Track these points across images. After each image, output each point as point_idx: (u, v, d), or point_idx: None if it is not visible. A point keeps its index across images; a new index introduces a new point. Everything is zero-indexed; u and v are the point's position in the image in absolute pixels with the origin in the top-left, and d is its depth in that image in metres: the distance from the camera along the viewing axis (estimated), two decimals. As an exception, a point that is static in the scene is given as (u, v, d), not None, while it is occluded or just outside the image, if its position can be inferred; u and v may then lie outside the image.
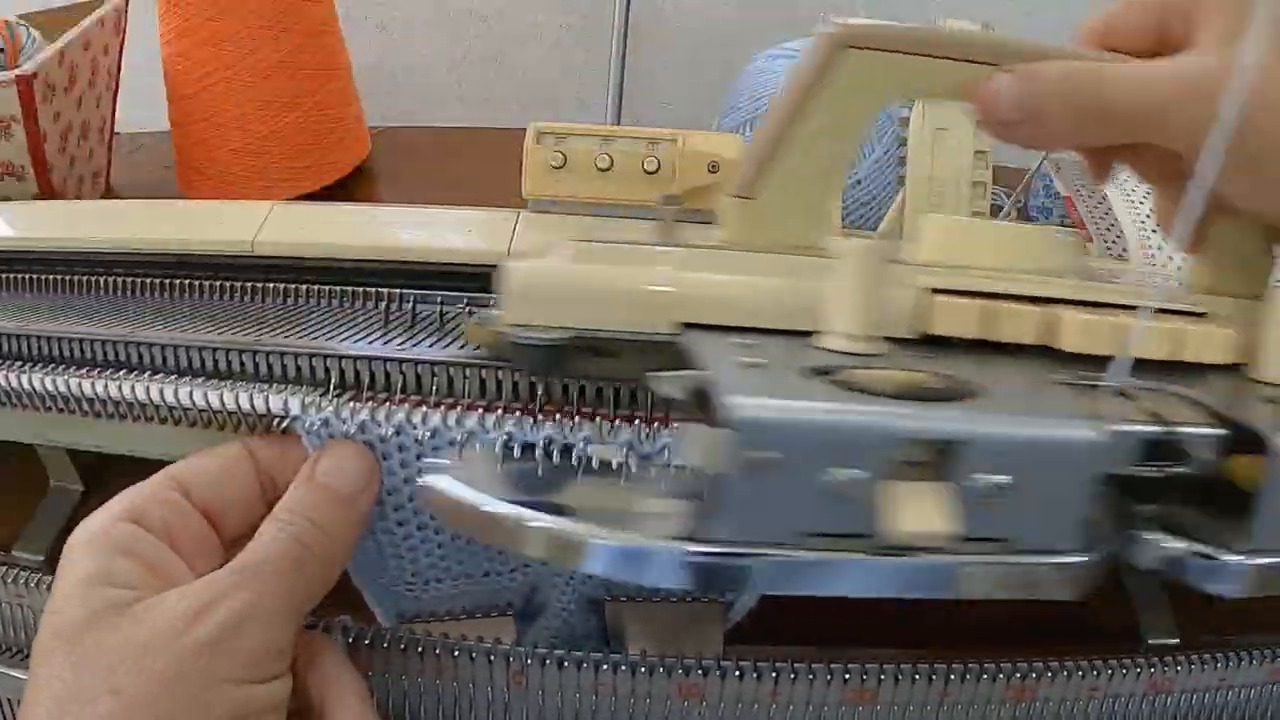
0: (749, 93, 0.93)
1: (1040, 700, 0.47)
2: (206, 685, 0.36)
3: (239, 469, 0.44)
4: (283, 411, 0.43)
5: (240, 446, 0.44)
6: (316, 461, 0.43)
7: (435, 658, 0.44)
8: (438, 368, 0.45)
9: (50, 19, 0.99)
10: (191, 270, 0.54)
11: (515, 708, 0.45)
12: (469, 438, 0.42)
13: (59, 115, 0.91)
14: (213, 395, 0.44)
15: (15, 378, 0.47)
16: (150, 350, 0.47)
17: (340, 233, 0.55)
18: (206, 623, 0.37)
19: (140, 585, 0.38)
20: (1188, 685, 0.49)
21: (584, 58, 1.67)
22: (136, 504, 0.41)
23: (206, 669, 0.36)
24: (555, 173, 0.55)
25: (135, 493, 0.41)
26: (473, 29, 1.68)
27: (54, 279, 0.56)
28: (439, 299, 0.51)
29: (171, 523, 0.41)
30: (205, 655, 0.36)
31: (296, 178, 1.01)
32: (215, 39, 0.95)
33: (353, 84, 1.09)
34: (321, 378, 0.45)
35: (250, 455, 0.44)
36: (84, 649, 0.36)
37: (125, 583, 0.38)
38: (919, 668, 0.45)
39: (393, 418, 0.42)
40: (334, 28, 1.05)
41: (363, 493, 0.43)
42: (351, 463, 0.43)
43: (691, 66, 1.63)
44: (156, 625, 0.37)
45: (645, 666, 0.44)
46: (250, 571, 0.39)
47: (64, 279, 0.56)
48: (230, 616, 0.37)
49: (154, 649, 0.36)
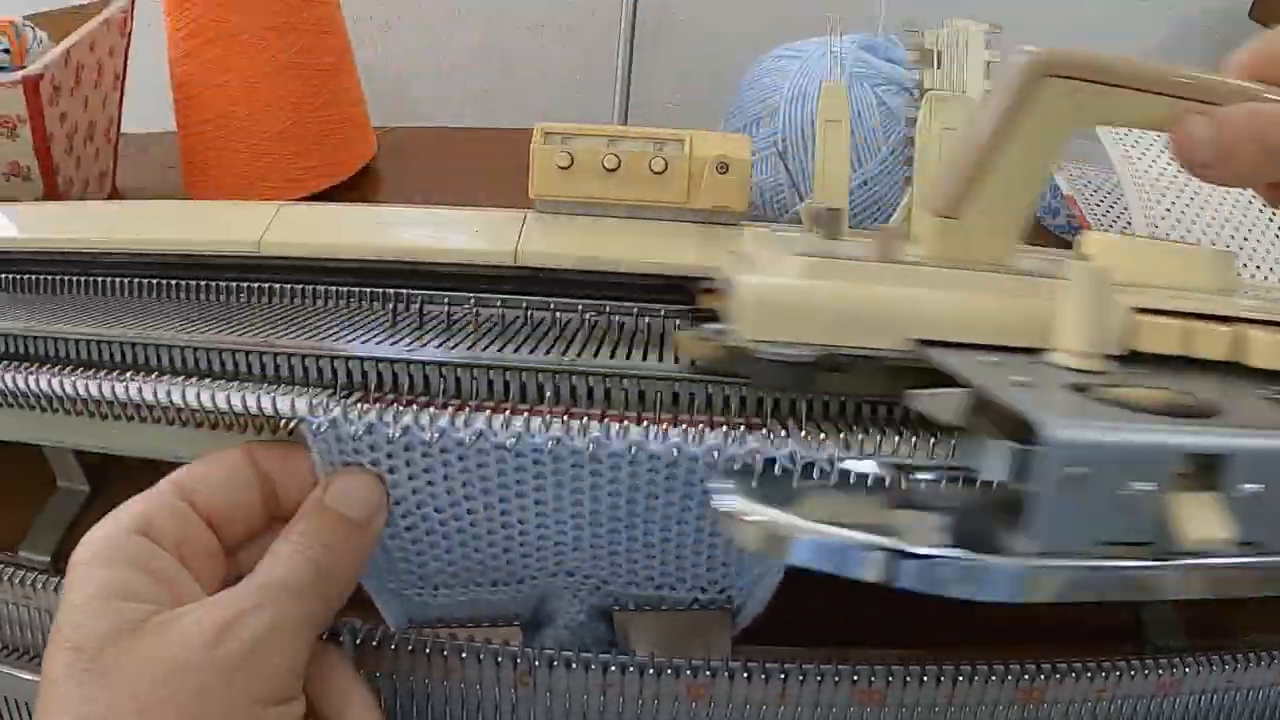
0: (756, 93, 0.93)
1: (1049, 702, 0.47)
2: (233, 705, 0.36)
3: (241, 475, 0.44)
4: (290, 412, 0.43)
5: (242, 452, 0.44)
6: (327, 486, 0.43)
7: (443, 659, 0.44)
8: (445, 369, 0.45)
9: (57, 20, 0.99)
10: (197, 271, 0.54)
11: (523, 709, 0.45)
12: (477, 438, 0.42)
13: (65, 116, 0.91)
14: (219, 396, 0.44)
15: (21, 378, 0.46)
16: (156, 351, 0.47)
17: (346, 233, 0.55)
18: (233, 640, 0.37)
19: (154, 599, 0.38)
20: (1195, 686, 0.49)
21: (590, 58, 1.67)
22: (145, 515, 0.41)
23: (234, 688, 0.36)
24: (562, 173, 0.55)
25: (143, 503, 0.41)
26: (479, 29, 1.68)
27: (60, 280, 0.56)
28: (446, 299, 0.51)
29: (179, 534, 0.41)
30: (232, 674, 0.36)
31: (302, 178, 1.01)
32: (221, 39, 0.96)
33: (359, 84, 1.09)
34: (329, 379, 0.45)
35: (252, 461, 0.44)
36: (106, 666, 0.36)
37: (140, 597, 0.38)
38: (927, 669, 0.45)
39: (400, 419, 0.42)
40: (340, 28, 1.05)
41: (373, 518, 0.43)
42: (362, 489, 0.43)
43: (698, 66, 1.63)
44: (182, 643, 0.36)
45: (654, 668, 0.44)
46: (272, 590, 0.39)
47: (70, 280, 0.56)
48: (256, 634, 0.37)
49: (181, 667, 0.36)
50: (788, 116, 0.89)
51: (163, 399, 0.45)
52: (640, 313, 0.51)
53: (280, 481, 0.44)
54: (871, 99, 0.88)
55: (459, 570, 0.47)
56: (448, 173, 1.09)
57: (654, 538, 0.46)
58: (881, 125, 0.87)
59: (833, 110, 0.58)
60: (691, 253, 0.53)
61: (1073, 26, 1.53)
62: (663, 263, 0.51)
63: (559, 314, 0.51)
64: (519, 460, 0.43)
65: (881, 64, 0.90)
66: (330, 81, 1.02)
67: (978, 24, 0.59)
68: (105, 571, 0.38)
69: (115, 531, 0.40)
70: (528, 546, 0.47)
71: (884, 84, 0.89)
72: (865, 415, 0.45)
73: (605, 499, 0.44)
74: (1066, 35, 1.71)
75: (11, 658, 0.52)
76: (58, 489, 0.63)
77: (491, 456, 0.43)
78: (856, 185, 0.88)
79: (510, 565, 0.48)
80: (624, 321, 0.51)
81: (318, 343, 0.46)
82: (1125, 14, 1.62)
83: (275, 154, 0.99)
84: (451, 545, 0.46)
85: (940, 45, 0.59)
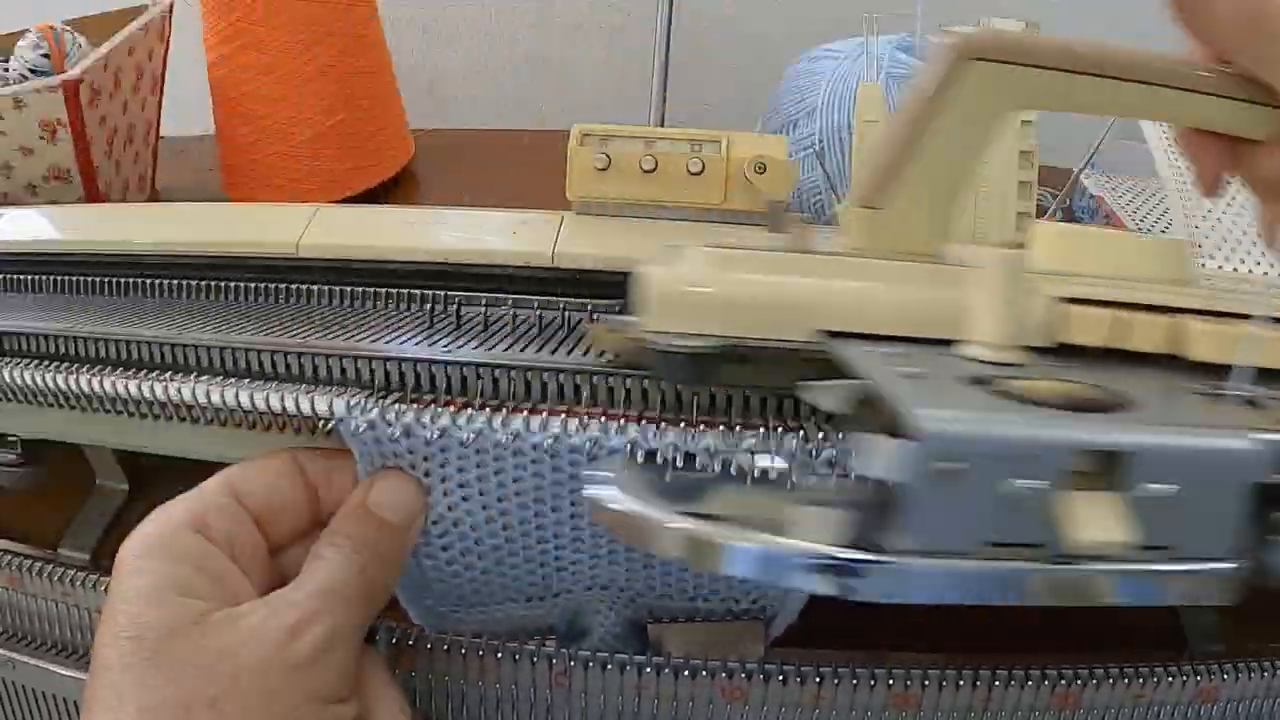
0: (793, 94, 0.93)
1: (1084, 707, 0.47)
2: (299, 703, 0.37)
3: (289, 480, 0.44)
4: (328, 413, 0.43)
5: (290, 457, 0.45)
6: (369, 490, 0.43)
7: (479, 659, 0.45)
8: (483, 370, 0.45)
9: (96, 24, 1.00)
10: (236, 272, 0.55)
11: (558, 710, 0.45)
12: (514, 439, 0.42)
13: (105, 119, 0.92)
14: (258, 396, 0.44)
15: (63, 378, 0.47)
16: (195, 352, 0.47)
17: (384, 235, 0.55)
18: (303, 641, 0.38)
19: (209, 597, 0.39)
20: (1234, 694, 0.49)
21: (627, 59, 1.66)
22: (198, 512, 0.41)
23: (300, 688, 0.37)
24: (599, 174, 0.55)
25: (196, 499, 0.42)
26: (515, 30, 1.68)
27: (100, 281, 0.56)
28: (483, 301, 0.51)
29: (231, 532, 0.41)
30: (299, 674, 0.37)
31: (341, 180, 1.02)
32: (259, 43, 0.96)
33: (396, 87, 1.10)
34: (366, 380, 0.45)
35: (299, 466, 0.44)
36: (172, 658, 0.36)
37: (198, 593, 0.38)
38: (963, 673, 0.45)
39: (438, 419, 0.42)
40: (377, 31, 1.06)
41: (413, 522, 0.44)
42: (402, 493, 0.44)
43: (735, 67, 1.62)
44: (252, 640, 0.37)
45: (688, 669, 0.44)
46: (333, 595, 0.40)
47: (110, 281, 0.56)
48: (323, 637, 0.38)
49: (252, 664, 0.37)
50: (825, 117, 0.89)
51: (201, 399, 0.45)
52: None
53: (324, 489, 0.45)
54: (909, 100, 0.87)
55: (494, 587, 0.47)
56: (485, 174, 1.09)
57: None
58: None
59: (870, 111, 0.58)
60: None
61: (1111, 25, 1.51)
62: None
63: (597, 315, 0.51)
64: (556, 474, 0.43)
65: (918, 64, 0.89)
66: (368, 84, 1.03)
67: (1014, 23, 0.59)
68: (163, 565, 0.39)
69: (169, 528, 0.40)
70: (562, 560, 0.47)
71: (921, 85, 0.88)
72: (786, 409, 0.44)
73: None
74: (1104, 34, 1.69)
75: (50, 653, 0.52)
76: (97, 488, 0.63)
77: (528, 468, 0.43)
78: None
79: (546, 580, 0.47)
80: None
81: (355, 344, 0.46)
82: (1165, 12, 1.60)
83: (314, 156, 1.00)
84: (487, 560, 0.46)
85: (978, 45, 0.59)
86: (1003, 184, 0.60)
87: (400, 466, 0.44)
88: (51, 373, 0.47)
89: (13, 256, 0.59)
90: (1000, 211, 0.60)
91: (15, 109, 0.85)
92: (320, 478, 0.45)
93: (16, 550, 0.54)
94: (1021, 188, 0.60)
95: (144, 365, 0.48)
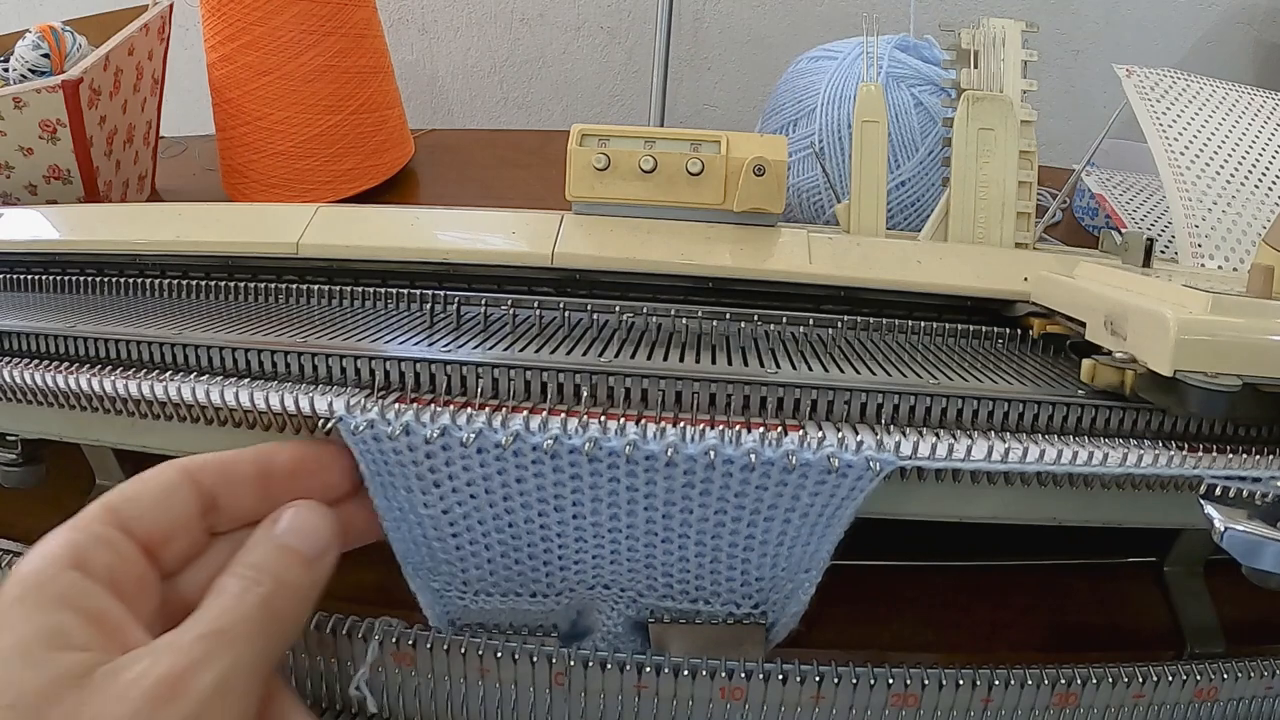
0: (792, 94, 0.93)
1: (1084, 707, 0.47)
2: None
3: (178, 495, 0.39)
4: (328, 412, 0.43)
5: (178, 469, 0.40)
6: (278, 519, 0.40)
7: (479, 659, 0.44)
8: (483, 370, 0.45)
9: (96, 24, 1.00)
10: (236, 272, 0.55)
11: (558, 710, 0.45)
12: (514, 439, 0.42)
13: (104, 119, 0.92)
14: (257, 396, 0.44)
15: (61, 377, 0.47)
16: (195, 352, 0.48)
17: (384, 235, 0.55)
18: (185, 697, 0.33)
19: (91, 645, 0.34)
20: (1233, 693, 0.49)
21: (626, 60, 1.67)
22: (77, 546, 0.36)
23: None
24: (599, 175, 0.55)
25: (72, 532, 0.37)
26: (515, 31, 1.68)
27: (99, 281, 0.56)
28: (483, 300, 0.51)
29: (112, 565, 0.37)
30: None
31: (341, 180, 1.02)
32: (259, 43, 0.96)
33: (396, 87, 1.10)
34: (366, 379, 0.45)
35: (190, 478, 0.40)
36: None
37: (78, 644, 0.34)
38: (962, 673, 0.45)
39: (438, 418, 0.42)
40: (377, 31, 1.06)
41: (325, 553, 0.40)
42: (312, 522, 0.41)
43: (735, 68, 1.62)
44: (128, 700, 0.33)
45: (688, 669, 0.44)
46: (224, 637, 0.36)
47: (110, 281, 0.56)
48: (209, 689, 0.34)
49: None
50: (825, 118, 0.89)
51: (201, 399, 0.45)
52: (678, 314, 0.51)
53: (222, 497, 0.40)
54: (908, 99, 0.88)
55: (499, 579, 0.47)
56: (485, 174, 1.09)
57: (689, 551, 0.46)
58: (919, 126, 0.87)
59: (870, 111, 0.58)
60: (728, 255, 0.52)
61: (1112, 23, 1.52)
62: (700, 265, 0.51)
63: (596, 315, 0.51)
64: (557, 474, 0.43)
65: (918, 64, 0.89)
66: (368, 84, 1.03)
67: (1014, 22, 0.59)
68: (37, 614, 0.34)
69: (45, 565, 0.35)
70: (566, 559, 0.47)
71: (921, 84, 0.88)
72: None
73: (642, 511, 0.44)
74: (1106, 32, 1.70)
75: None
76: (97, 488, 0.63)
77: (530, 468, 0.43)
78: (894, 186, 0.88)
79: (549, 577, 0.47)
80: (661, 323, 0.51)
81: (355, 343, 0.46)
82: (1166, 10, 1.60)
83: (313, 156, 1.00)
84: (493, 555, 0.46)
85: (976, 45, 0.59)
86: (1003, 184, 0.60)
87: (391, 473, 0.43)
88: (51, 373, 0.47)
89: (13, 256, 0.59)
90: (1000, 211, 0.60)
91: (15, 109, 0.85)
92: (215, 484, 0.40)
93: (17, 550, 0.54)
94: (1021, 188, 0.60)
95: (144, 365, 0.48)
